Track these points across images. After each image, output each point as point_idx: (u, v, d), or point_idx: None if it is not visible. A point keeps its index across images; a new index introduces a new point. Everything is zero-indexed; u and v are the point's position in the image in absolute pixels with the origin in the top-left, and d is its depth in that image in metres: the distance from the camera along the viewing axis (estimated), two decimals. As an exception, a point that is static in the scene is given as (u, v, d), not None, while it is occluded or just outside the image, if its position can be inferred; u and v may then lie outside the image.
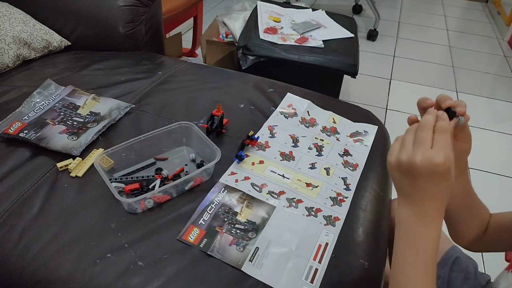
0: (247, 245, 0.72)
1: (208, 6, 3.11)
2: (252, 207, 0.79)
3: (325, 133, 1.01)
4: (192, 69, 1.25)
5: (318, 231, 0.76)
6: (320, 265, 0.70)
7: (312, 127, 1.02)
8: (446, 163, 0.46)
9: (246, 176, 0.85)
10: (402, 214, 0.52)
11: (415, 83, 2.40)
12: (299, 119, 1.04)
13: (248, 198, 0.80)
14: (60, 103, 0.98)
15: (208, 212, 0.77)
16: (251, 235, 0.73)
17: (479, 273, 0.81)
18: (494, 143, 1.97)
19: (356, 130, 1.04)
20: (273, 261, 0.70)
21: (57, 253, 0.69)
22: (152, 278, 0.66)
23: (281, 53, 1.57)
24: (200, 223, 0.74)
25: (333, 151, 0.96)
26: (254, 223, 0.76)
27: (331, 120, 1.06)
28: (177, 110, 1.02)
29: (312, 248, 0.73)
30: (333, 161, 0.92)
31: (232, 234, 0.73)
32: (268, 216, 0.77)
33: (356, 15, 3.26)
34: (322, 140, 0.98)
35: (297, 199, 0.82)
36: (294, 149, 0.94)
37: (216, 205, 0.78)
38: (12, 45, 1.17)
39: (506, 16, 3.14)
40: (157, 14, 1.44)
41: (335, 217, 0.79)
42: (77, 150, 0.86)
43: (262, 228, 0.75)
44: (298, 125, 1.02)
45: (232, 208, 0.78)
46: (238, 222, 0.76)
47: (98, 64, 1.21)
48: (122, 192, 0.79)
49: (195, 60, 2.34)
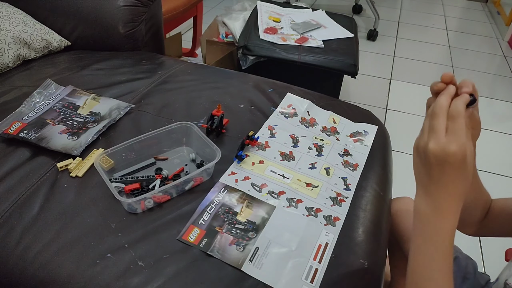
0: (247, 245, 0.72)
1: (208, 6, 3.11)
2: (252, 207, 0.79)
3: (325, 133, 1.01)
4: (192, 69, 1.25)
5: (318, 231, 0.76)
6: (320, 265, 0.70)
7: (312, 127, 1.02)
8: (459, 152, 0.44)
9: (246, 176, 0.85)
10: (419, 206, 0.50)
11: (415, 83, 2.40)
12: (299, 119, 1.04)
13: (248, 198, 0.80)
14: (60, 103, 0.98)
15: (208, 212, 0.77)
16: (251, 235, 0.73)
17: (479, 273, 0.81)
18: (494, 143, 1.97)
19: (356, 130, 1.04)
20: (273, 261, 0.70)
21: (57, 253, 0.69)
22: (152, 278, 0.66)
23: (281, 53, 1.57)
24: (200, 223, 0.74)
25: (333, 151, 0.96)
26: (254, 223, 0.76)
27: (331, 120, 1.06)
28: (177, 110, 1.02)
29: (312, 248, 0.73)
30: (333, 161, 0.92)
31: (232, 234, 0.73)
32: (268, 216, 0.77)
33: (356, 15, 3.26)
34: (322, 140, 0.98)
35: (297, 199, 0.82)
36: (294, 149, 0.94)
37: (216, 205, 0.78)
38: (12, 45, 1.17)
39: (506, 16, 3.14)
40: (157, 14, 1.44)
41: (335, 217, 0.79)
42: (77, 150, 0.86)
43: (262, 228, 0.75)
44: (298, 125, 1.02)
45: (232, 208, 0.78)
46: (238, 222, 0.76)
47: (98, 64, 1.21)
48: (122, 192, 0.79)
49: (195, 60, 2.34)
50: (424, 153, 0.47)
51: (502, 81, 2.53)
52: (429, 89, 0.52)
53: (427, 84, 2.73)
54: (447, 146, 0.45)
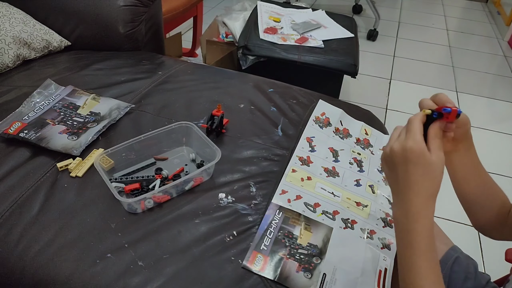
0: (314, 270, 0.69)
1: (208, 6, 3.11)
2: (311, 229, 0.76)
3: (359, 145, 0.98)
4: (192, 69, 1.25)
5: (376, 256, 0.73)
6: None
7: (346, 138, 0.99)
8: (415, 147, 0.50)
9: (298, 194, 0.82)
10: (394, 213, 0.55)
11: (415, 83, 2.40)
12: (333, 129, 1.01)
13: (305, 220, 0.77)
14: (60, 103, 0.98)
15: (268, 236, 0.73)
16: (315, 260, 0.71)
17: (480, 273, 0.81)
18: (494, 143, 1.97)
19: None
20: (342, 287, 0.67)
21: (57, 253, 0.69)
22: (152, 278, 0.66)
23: (281, 53, 1.57)
24: (262, 249, 0.71)
25: (372, 166, 0.92)
26: (316, 246, 0.73)
27: (363, 131, 1.03)
28: (177, 110, 1.02)
29: (374, 275, 0.70)
30: (375, 178, 0.89)
31: (296, 260, 0.70)
32: (327, 238, 0.74)
33: (356, 15, 3.26)
34: (360, 154, 0.95)
35: (351, 219, 0.79)
36: (335, 164, 0.91)
37: (275, 228, 0.75)
38: (12, 45, 1.17)
39: (506, 16, 3.14)
40: (157, 14, 1.44)
41: (388, 239, 0.76)
42: (77, 150, 0.86)
43: (325, 252, 0.72)
44: (333, 136, 0.99)
45: (291, 232, 0.75)
46: (300, 246, 0.73)
47: (98, 64, 1.21)
48: (122, 192, 0.79)
49: (195, 60, 2.34)
50: (390, 157, 0.53)
51: (502, 81, 2.53)
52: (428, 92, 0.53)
53: (427, 84, 2.73)
54: (405, 143, 0.51)
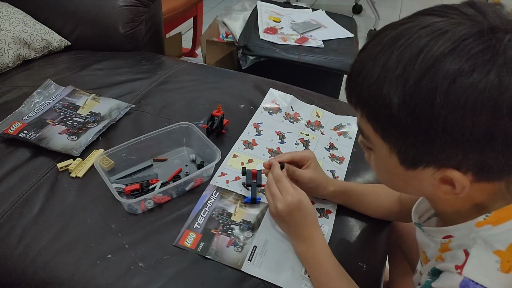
0: (244, 245, 0.72)
1: (208, 6, 3.11)
2: (245, 207, 0.79)
3: (309, 127, 1.01)
4: (192, 69, 1.25)
5: None
6: None
7: (296, 122, 1.03)
8: (293, 200, 0.66)
9: (236, 176, 0.85)
10: (296, 250, 0.70)
11: (415, 83, 2.40)
12: (283, 115, 1.04)
13: (241, 198, 0.80)
14: (60, 103, 0.98)
15: (202, 215, 0.77)
16: (247, 234, 0.74)
17: None
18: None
19: (340, 123, 1.04)
20: (272, 258, 0.70)
21: (57, 253, 0.69)
22: (152, 279, 0.66)
23: (281, 53, 1.57)
24: (195, 227, 0.74)
25: (319, 145, 0.96)
26: (249, 222, 0.76)
27: (314, 114, 1.06)
28: (177, 111, 1.02)
29: None
30: (320, 155, 0.93)
31: (228, 235, 0.73)
32: (262, 214, 0.77)
33: (356, 15, 3.26)
34: (308, 135, 0.99)
35: None
36: (281, 145, 0.95)
37: (210, 207, 0.78)
38: (12, 45, 1.17)
39: (506, 16, 3.14)
40: (157, 14, 1.44)
41: (327, 209, 0.80)
42: (77, 151, 0.86)
43: (258, 226, 0.75)
44: (282, 121, 1.03)
45: (226, 210, 0.78)
46: (233, 222, 0.76)
47: (98, 64, 1.21)
48: (122, 192, 0.79)
49: (195, 60, 2.34)
50: (278, 213, 0.68)
51: (502, 81, 2.52)
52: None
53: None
54: (285, 200, 0.67)
